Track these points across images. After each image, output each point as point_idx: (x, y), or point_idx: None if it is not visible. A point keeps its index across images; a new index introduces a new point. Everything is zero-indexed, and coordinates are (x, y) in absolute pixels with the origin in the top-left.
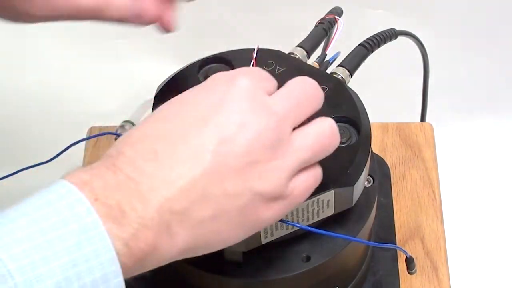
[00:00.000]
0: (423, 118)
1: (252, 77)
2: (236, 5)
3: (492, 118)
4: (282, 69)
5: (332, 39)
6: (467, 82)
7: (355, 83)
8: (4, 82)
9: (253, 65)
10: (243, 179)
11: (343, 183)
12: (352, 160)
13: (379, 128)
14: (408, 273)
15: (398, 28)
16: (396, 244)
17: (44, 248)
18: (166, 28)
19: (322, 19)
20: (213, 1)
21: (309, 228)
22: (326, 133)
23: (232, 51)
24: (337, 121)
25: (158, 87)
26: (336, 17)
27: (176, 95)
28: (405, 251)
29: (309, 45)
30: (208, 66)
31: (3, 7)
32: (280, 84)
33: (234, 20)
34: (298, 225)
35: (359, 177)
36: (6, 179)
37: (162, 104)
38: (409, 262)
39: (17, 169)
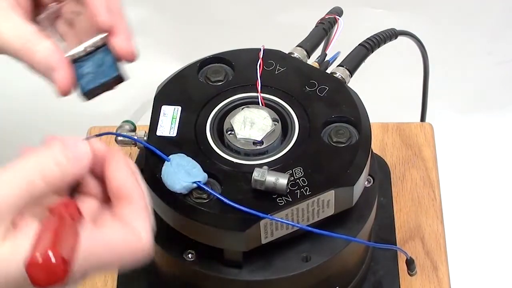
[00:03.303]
0: (423, 118)
1: None
2: (236, 5)
3: (492, 118)
4: (282, 69)
5: (332, 39)
6: (467, 82)
7: (355, 83)
8: (4, 82)
9: (260, 65)
10: None
11: (343, 183)
12: (352, 160)
13: (379, 128)
14: (409, 274)
15: (398, 28)
16: (396, 244)
17: None
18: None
19: (322, 19)
20: (213, 1)
21: (309, 228)
22: None
23: (231, 51)
24: (337, 121)
25: (158, 87)
26: (336, 16)
27: (176, 95)
28: (406, 252)
29: (309, 45)
30: (208, 66)
31: None
32: (280, 84)
33: (234, 20)
34: (298, 225)
35: (359, 177)
36: None
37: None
38: (410, 263)
39: None
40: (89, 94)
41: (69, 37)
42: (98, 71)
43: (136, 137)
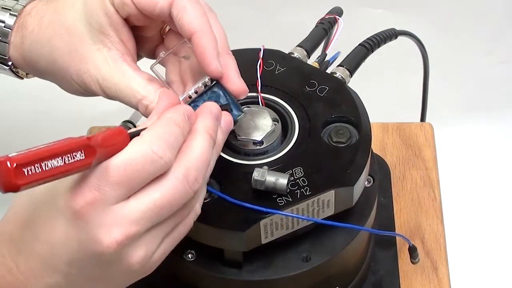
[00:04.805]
0: (423, 118)
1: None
2: (236, 5)
3: (492, 118)
4: (282, 69)
5: (332, 39)
6: (467, 82)
7: (355, 83)
8: (4, 81)
9: (260, 65)
10: None
11: (343, 183)
12: (352, 160)
13: (379, 128)
14: (411, 262)
15: (398, 28)
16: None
17: None
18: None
19: (322, 19)
20: (213, 1)
21: (320, 220)
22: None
23: (231, 51)
24: (337, 121)
25: None
26: (336, 16)
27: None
28: (408, 240)
29: (309, 45)
30: None
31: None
32: (280, 84)
33: (234, 20)
34: (309, 218)
35: (359, 177)
36: None
37: None
38: (412, 251)
39: None
40: None
41: (170, 69)
42: None
43: None
